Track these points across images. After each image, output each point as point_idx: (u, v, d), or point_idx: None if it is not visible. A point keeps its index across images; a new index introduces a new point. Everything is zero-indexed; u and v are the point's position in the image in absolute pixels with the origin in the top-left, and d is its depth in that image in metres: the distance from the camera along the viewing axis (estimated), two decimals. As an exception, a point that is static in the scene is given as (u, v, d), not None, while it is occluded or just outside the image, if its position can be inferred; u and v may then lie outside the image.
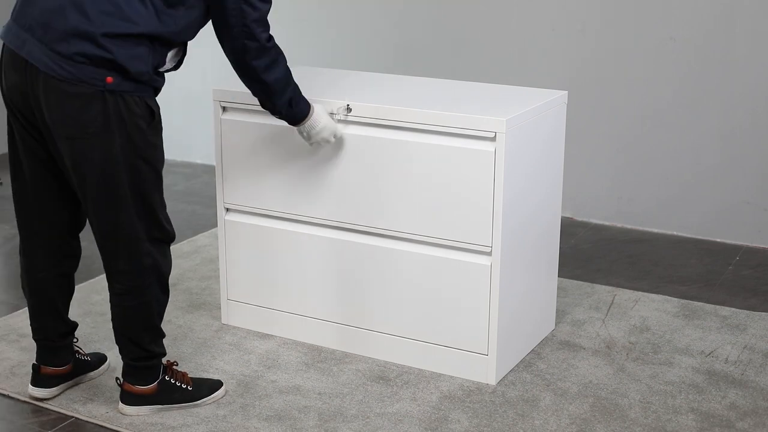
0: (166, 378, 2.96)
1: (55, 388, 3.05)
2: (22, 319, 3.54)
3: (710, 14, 4.23)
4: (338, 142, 3.15)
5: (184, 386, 2.99)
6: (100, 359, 3.20)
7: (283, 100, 2.91)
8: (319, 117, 3.03)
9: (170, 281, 3.90)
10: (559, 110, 3.29)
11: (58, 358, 3.04)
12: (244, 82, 2.90)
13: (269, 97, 2.91)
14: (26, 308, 3.10)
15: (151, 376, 2.94)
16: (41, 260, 2.93)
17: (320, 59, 5.00)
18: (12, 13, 2.69)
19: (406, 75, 3.79)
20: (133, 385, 2.93)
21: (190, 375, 3.09)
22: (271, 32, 2.83)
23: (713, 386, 3.12)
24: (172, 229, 2.89)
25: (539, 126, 3.16)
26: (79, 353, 3.13)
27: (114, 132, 2.65)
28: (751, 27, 4.16)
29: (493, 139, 2.95)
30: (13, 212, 2.95)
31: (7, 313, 3.66)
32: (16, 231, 4.32)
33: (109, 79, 2.61)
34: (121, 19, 2.59)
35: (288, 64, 2.91)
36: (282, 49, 2.88)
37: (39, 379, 3.04)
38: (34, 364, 3.05)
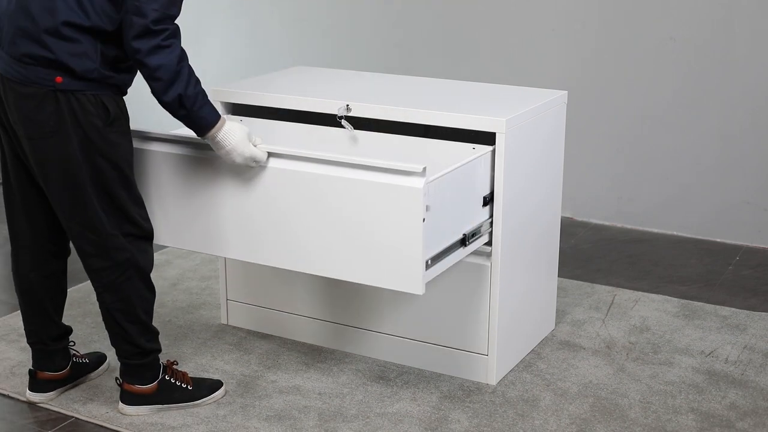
0: (166, 377, 2.96)
1: (52, 393, 3.05)
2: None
3: (710, 14, 4.23)
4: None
5: (184, 386, 2.99)
6: (99, 358, 3.20)
7: (171, 93, 2.62)
8: (230, 135, 2.72)
9: (170, 281, 3.92)
10: (558, 110, 3.29)
11: (53, 362, 3.04)
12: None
13: (154, 86, 2.63)
14: (25, 309, 3.12)
15: (150, 374, 2.94)
16: (28, 259, 2.94)
17: (320, 59, 5.00)
18: None
19: (406, 75, 3.79)
20: (132, 384, 2.93)
21: (191, 375, 3.09)
22: (175, 21, 2.64)
23: (713, 386, 3.12)
24: (149, 225, 2.85)
25: (539, 126, 3.16)
26: (76, 356, 3.13)
27: (69, 131, 2.65)
28: (751, 27, 4.16)
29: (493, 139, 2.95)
30: (13, 212, 2.95)
31: (7, 313, 3.66)
32: (16, 231, 4.33)
33: (59, 78, 2.62)
34: (56, 13, 2.59)
35: (188, 58, 2.69)
36: (180, 44, 2.65)
37: (36, 384, 3.04)
38: (30, 369, 3.05)
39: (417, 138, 3.09)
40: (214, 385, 3.05)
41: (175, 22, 2.65)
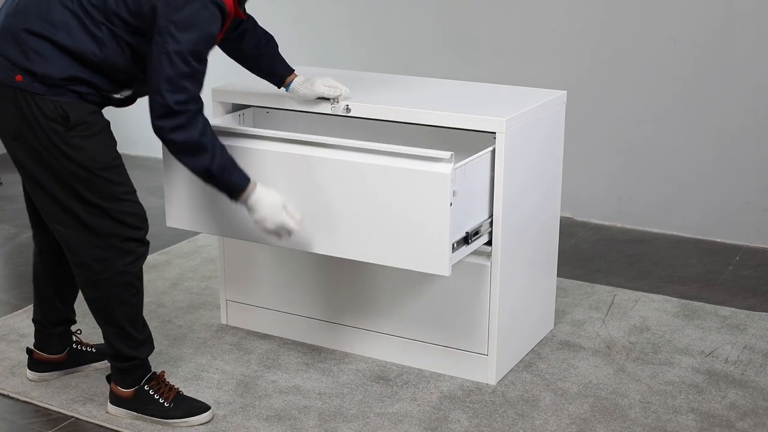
0: (146, 387, 2.90)
1: (46, 374, 3.11)
2: (22, 318, 3.54)
3: (711, 14, 4.23)
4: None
5: (161, 401, 2.89)
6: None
7: (198, 166, 2.67)
8: (262, 201, 2.76)
9: (170, 281, 3.91)
10: (558, 110, 3.29)
11: (49, 345, 3.10)
12: None
13: (181, 158, 2.69)
14: (26, 308, 3.13)
15: (130, 379, 2.90)
16: (35, 244, 3.02)
17: (320, 59, 5.00)
18: None
19: (406, 75, 3.79)
20: (113, 383, 2.93)
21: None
22: (195, 95, 2.64)
23: (713, 386, 3.12)
24: (139, 224, 2.79)
25: (538, 126, 3.16)
26: (79, 344, 3.17)
27: (33, 135, 2.65)
28: (751, 27, 4.16)
29: (493, 139, 2.95)
30: (13, 212, 2.96)
31: (7, 313, 3.66)
32: (16, 231, 4.33)
33: (19, 77, 2.61)
34: (44, 21, 2.60)
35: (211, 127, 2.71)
36: (202, 120, 2.65)
37: (32, 362, 3.12)
38: (28, 347, 3.12)
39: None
40: (195, 410, 2.91)
41: (198, 96, 2.65)
